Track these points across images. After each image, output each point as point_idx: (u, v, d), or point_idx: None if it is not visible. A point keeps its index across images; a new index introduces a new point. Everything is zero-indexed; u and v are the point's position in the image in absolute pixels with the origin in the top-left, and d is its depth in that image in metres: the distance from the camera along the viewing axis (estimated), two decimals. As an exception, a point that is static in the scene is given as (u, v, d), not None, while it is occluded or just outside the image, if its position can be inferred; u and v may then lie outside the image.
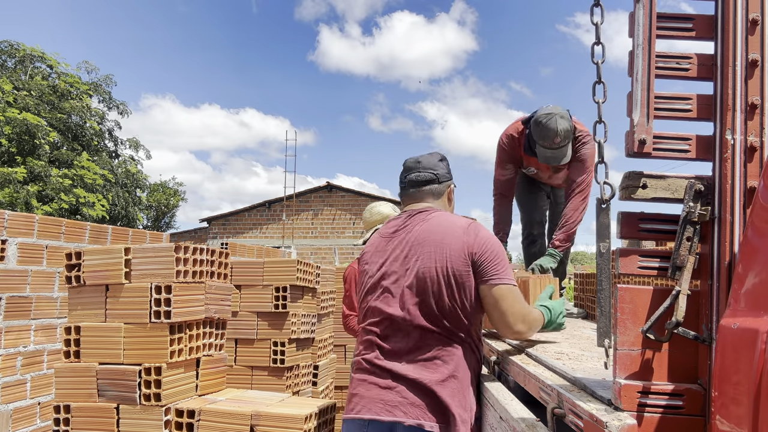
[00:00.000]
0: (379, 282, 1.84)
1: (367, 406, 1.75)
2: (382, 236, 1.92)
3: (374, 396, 1.75)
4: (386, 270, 1.83)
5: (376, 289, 1.84)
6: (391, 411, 1.70)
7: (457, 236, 1.76)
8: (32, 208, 15.34)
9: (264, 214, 18.85)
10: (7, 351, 3.35)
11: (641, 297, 1.21)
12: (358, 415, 1.76)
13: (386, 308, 1.79)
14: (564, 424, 1.37)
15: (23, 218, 3.51)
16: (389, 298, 1.80)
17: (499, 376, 2.10)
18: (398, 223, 1.91)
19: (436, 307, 1.73)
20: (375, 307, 1.82)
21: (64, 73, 18.91)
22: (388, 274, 1.82)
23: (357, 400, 1.79)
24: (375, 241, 1.95)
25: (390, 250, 1.85)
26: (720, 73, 1.21)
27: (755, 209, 1.03)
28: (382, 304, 1.81)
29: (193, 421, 2.33)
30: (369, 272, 1.89)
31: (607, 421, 1.10)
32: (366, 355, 1.82)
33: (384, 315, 1.79)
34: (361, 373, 1.82)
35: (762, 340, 0.88)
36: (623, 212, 1.28)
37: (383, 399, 1.73)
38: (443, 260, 1.73)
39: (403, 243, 1.83)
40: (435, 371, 1.72)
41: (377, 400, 1.74)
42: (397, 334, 1.77)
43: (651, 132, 1.23)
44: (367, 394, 1.77)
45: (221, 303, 2.70)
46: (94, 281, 2.48)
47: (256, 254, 6.86)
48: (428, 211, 1.89)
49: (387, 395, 1.73)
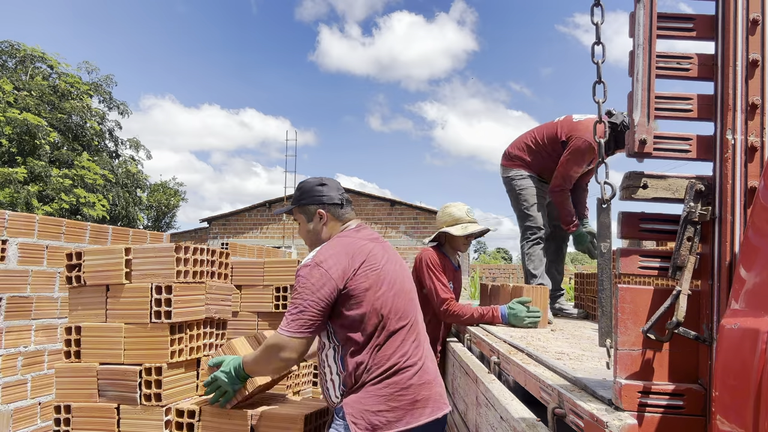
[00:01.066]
0: (394, 282, 1.95)
1: (436, 405, 1.90)
2: (371, 240, 2.03)
3: (435, 394, 1.91)
4: (394, 271, 1.98)
5: (392, 288, 1.94)
6: (446, 402, 1.95)
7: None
8: (33, 208, 15.35)
9: (264, 214, 18.84)
10: (8, 351, 3.35)
11: (642, 297, 1.21)
12: (432, 416, 1.86)
13: (408, 307, 1.96)
14: (564, 424, 1.37)
15: (24, 218, 3.51)
16: (403, 297, 1.96)
17: (500, 376, 2.10)
18: (369, 232, 2.09)
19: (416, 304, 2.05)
20: (399, 306, 1.93)
21: (65, 73, 18.92)
22: (396, 275, 1.98)
23: (424, 403, 1.86)
24: (368, 245, 1.99)
25: (383, 252, 2.00)
26: (720, 73, 1.20)
27: (756, 209, 1.03)
28: (403, 303, 1.95)
29: (193, 421, 2.33)
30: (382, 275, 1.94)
31: (607, 421, 1.10)
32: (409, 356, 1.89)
33: (407, 314, 1.95)
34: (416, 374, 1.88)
35: (762, 340, 0.88)
36: (624, 212, 1.28)
37: (440, 394, 1.94)
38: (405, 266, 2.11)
39: (387, 248, 2.05)
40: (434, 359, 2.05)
41: (437, 396, 1.92)
42: (416, 331, 1.97)
43: (651, 132, 1.23)
44: (430, 394, 1.89)
45: (222, 303, 2.70)
46: (95, 281, 2.48)
47: (257, 254, 6.86)
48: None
49: (440, 388, 1.95)
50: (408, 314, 1.95)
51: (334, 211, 2.07)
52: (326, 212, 2.06)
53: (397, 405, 1.79)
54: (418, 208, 18.07)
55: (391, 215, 18.13)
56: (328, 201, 2.07)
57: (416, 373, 1.85)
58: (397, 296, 1.92)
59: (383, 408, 1.79)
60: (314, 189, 2.09)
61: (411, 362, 1.87)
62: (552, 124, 3.83)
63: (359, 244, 1.95)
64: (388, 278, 1.92)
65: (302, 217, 2.12)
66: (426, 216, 17.97)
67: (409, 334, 1.91)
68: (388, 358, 1.84)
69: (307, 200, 2.09)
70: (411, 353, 1.88)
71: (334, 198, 2.08)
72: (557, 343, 2.30)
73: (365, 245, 1.95)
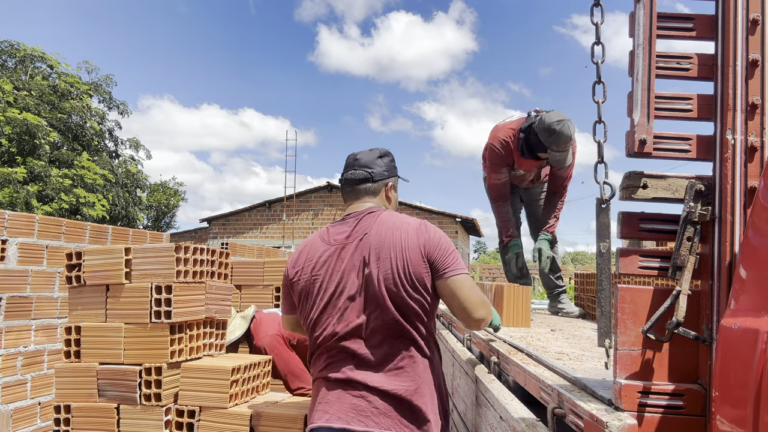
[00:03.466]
0: (338, 293, 1.73)
1: (337, 414, 1.67)
2: (330, 243, 1.79)
3: (346, 405, 1.67)
4: (345, 280, 1.73)
5: (337, 300, 1.73)
6: (364, 421, 1.65)
7: (411, 237, 1.72)
8: (32, 208, 15.35)
9: (264, 214, 18.84)
10: (8, 351, 3.35)
11: (642, 297, 1.21)
12: (327, 423, 1.67)
13: (352, 320, 1.70)
14: (564, 424, 1.37)
15: (23, 218, 3.51)
16: (352, 309, 1.71)
17: (499, 376, 2.10)
18: (346, 229, 1.80)
19: (401, 311, 1.68)
20: (339, 319, 1.72)
21: (65, 73, 18.91)
22: (347, 284, 1.73)
23: (325, 408, 1.70)
24: (317, 247, 1.81)
25: (346, 258, 1.74)
26: (720, 73, 1.20)
27: (756, 209, 1.03)
28: (347, 315, 1.71)
29: (193, 421, 2.33)
30: (322, 283, 1.76)
31: (607, 421, 1.10)
32: (334, 368, 1.72)
33: (350, 327, 1.70)
34: (330, 384, 1.72)
35: (762, 340, 0.88)
36: (623, 212, 1.28)
37: (356, 408, 1.66)
38: (403, 263, 1.69)
39: (359, 250, 1.74)
40: (406, 379, 1.68)
41: (349, 408, 1.67)
42: (365, 345, 1.70)
43: (651, 132, 1.23)
44: (338, 402, 1.69)
45: (221, 303, 2.70)
46: (95, 281, 2.48)
47: (257, 254, 6.85)
48: (374, 213, 1.81)
49: (360, 403, 1.66)
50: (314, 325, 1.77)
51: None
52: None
53: (314, 406, 1.76)
54: (418, 208, 18.07)
55: (391, 215, 18.11)
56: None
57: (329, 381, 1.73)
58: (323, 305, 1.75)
59: (311, 407, 1.78)
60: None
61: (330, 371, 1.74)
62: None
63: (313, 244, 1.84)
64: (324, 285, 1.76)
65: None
66: (426, 216, 17.96)
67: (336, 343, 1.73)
68: (315, 364, 1.81)
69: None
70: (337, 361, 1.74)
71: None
72: (557, 343, 2.30)
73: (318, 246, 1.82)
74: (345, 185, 1.91)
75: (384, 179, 1.91)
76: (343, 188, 1.92)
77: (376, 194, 1.90)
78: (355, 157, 1.93)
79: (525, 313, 2.98)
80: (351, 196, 1.90)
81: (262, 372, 2.60)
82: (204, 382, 2.34)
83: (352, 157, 1.93)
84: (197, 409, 2.33)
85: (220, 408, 2.30)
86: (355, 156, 1.93)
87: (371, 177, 1.88)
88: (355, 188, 1.89)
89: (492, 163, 3.54)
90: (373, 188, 1.89)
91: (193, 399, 2.33)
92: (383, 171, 1.92)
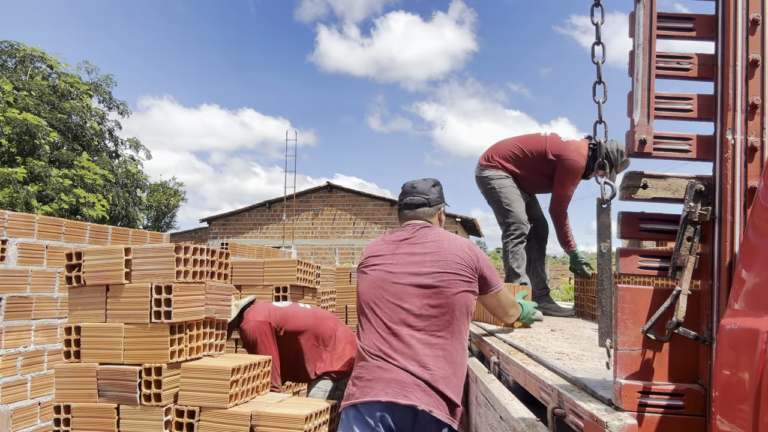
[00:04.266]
0: (390, 282, 2.05)
1: (384, 389, 1.89)
2: (388, 242, 2.17)
3: (391, 380, 1.90)
4: (399, 271, 2.05)
5: (398, 288, 2.03)
6: (408, 396, 1.87)
7: (464, 251, 2.09)
8: (32, 208, 15.35)
9: (264, 214, 18.84)
10: (8, 351, 3.35)
11: (642, 297, 1.21)
12: (375, 398, 1.88)
13: (409, 306, 1.99)
14: (564, 424, 1.37)
15: (23, 218, 3.51)
16: (411, 296, 2.00)
17: (499, 376, 2.10)
18: (405, 234, 2.17)
19: (449, 306, 1.99)
20: (398, 303, 2.00)
21: (65, 73, 18.91)
22: (401, 274, 2.04)
23: (372, 384, 1.91)
24: (380, 246, 2.19)
25: (406, 254, 2.09)
26: (720, 73, 1.20)
27: (756, 209, 1.03)
28: (406, 301, 2.00)
29: (193, 421, 2.33)
30: (386, 273, 2.07)
31: (607, 421, 1.10)
32: (379, 346, 1.97)
33: (406, 312, 1.98)
34: (376, 360, 1.96)
35: (762, 340, 0.88)
36: (624, 212, 1.28)
37: (400, 383, 1.89)
38: (455, 267, 2.03)
39: (417, 249, 2.10)
40: (445, 364, 1.95)
41: (394, 383, 1.89)
42: (417, 329, 1.97)
43: (651, 132, 1.23)
44: (384, 377, 1.91)
45: (221, 303, 2.70)
46: (95, 281, 2.48)
47: (257, 254, 6.85)
48: (430, 227, 2.20)
49: (405, 378, 1.90)
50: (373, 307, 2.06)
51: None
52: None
53: (356, 383, 2.00)
54: (417, 208, 18.05)
55: (391, 215, 18.13)
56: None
57: (378, 359, 1.97)
58: (380, 289, 2.06)
59: (350, 383, 2.03)
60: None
61: (375, 350, 1.99)
62: (539, 138, 3.91)
63: (374, 243, 2.24)
64: (378, 276, 2.09)
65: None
66: (426, 216, 17.96)
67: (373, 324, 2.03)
68: (362, 342, 2.06)
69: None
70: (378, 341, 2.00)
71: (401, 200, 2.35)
72: (557, 343, 2.30)
73: (378, 244, 2.20)
74: (405, 209, 2.28)
75: (438, 204, 2.31)
76: (403, 211, 2.29)
77: (431, 217, 2.28)
78: (413, 186, 2.31)
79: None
80: (410, 217, 2.27)
81: (262, 372, 2.60)
82: (204, 382, 2.34)
83: (410, 185, 2.31)
84: (197, 409, 2.33)
85: (220, 408, 2.30)
86: (412, 184, 2.31)
87: (428, 202, 2.27)
88: (415, 211, 2.26)
89: (576, 177, 3.81)
90: (429, 212, 2.28)
91: (193, 399, 2.33)
92: (437, 198, 2.31)
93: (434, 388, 1.91)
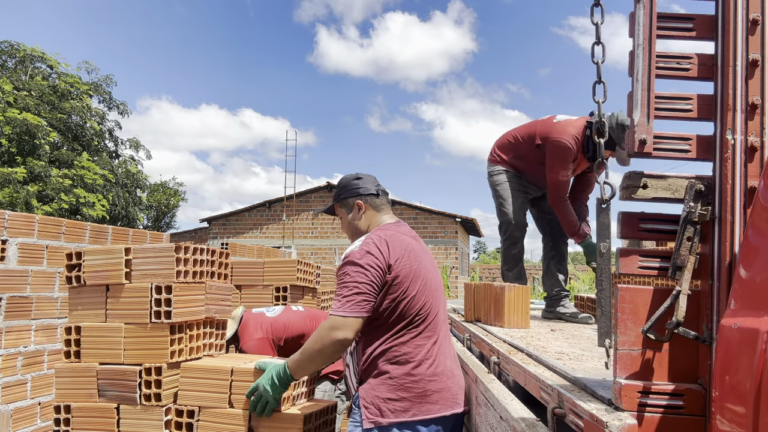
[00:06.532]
0: (429, 279, 2.01)
1: (447, 402, 1.91)
2: (411, 236, 2.10)
3: (446, 390, 1.91)
4: (427, 270, 2.02)
5: (423, 284, 1.98)
6: (459, 403, 1.94)
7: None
8: (32, 208, 15.35)
9: (264, 214, 18.84)
10: (8, 351, 3.35)
11: (642, 297, 1.21)
12: (440, 413, 1.87)
13: (432, 305, 1.98)
14: (564, 424, 1.37)
15: (23, 218, 3.51)
16: (437, 293, 2.03)
17: (499, 376, 2.10)
18: (407, 229, 2.15)
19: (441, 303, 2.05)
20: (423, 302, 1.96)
21: (65, 73, 18.92)
22: (430, 272, 2.03)
23: (435, 398, 1.88)
24: (408, 240, 2.05)
25: (422, 251, 2.07)
26: (720, 73, 1.20)
27: (756, 209, 1.03)
28: (428, 300, 1.97)
29: (192, 421, 2.33)
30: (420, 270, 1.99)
31: (607, 421, 1.10)
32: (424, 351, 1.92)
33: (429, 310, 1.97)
34: (428, 368, 1.91)
35: (762, 340, 0.88)
36: (623, 212, 1.28)
37: (454, 392, 1.94)
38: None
39: (423, 247, 2.10)
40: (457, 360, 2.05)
41: (449, 394, 1.92)
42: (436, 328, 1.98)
43: (651, 132, 1.23)
44: (442, 389, 1.90)
45: (221, 303, 2.70)
46: (95, 281, 2.48)
47: (257, 254, 6.85)
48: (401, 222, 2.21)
49: (455, 387, 1.95)
50: (430, 311, 1.98)
51: (372, 201, 2.17)
52: (364, 203, 2.16)
53: (406, 395, 1.85)
54: (418, 208, 18.06)
55: (391, 215, 18.10)
56: (364, 192, 2.17)
57: (429, 367, 1.89)
58: (422, 293, 1.96)
59: (392, 396, 1.85)
60: (351, 183, 2.22)
61: (424, 356, 1.91)
62: (533, 123, 3.71)
63: (401, 238, 2.02)
64: (422, 275, 1.98)
65: (343, 211, 2.23)
66: (426, 216, 17.96)
67: (427, 330, 1.95)
68: (403, 349, 1.90)
69: (345, 194, 2.21)
70: (427, 348, 1.92)
71: (370, 189, 2.19)
72: (557, 343, 2.30)
73: (406, 240, 2.03)
74: (383, 195, 2.22)
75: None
76: (382, 197, 2.21)
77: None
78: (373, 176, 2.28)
79: (524, 314, 2.98)
80: (387, 206, 2.23)
81: None
82: (204, 382, 2.34)
83: (373, 176, 2.27)
84: (197, 409, 2.33)
85: (219, 408, 2.30)
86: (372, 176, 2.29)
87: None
88: (389, 199, 2.24)
89: (563, 159, 3.47)
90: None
91: (193, 399, 2.33)
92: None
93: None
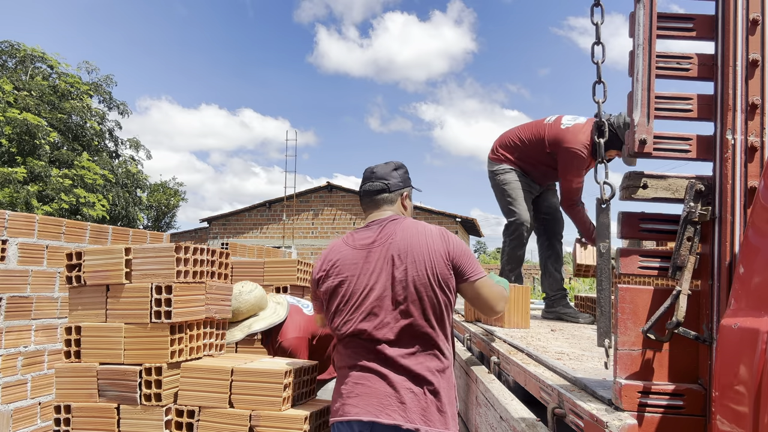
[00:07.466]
0: (366, 293, 1.84)
1: (366, 408, 1.76)
2: (356, 248, 1.91)
3: (374, 399, 1.77)
4: (373, 281, 1.84)
5: (365, 300, 1.83)
6: (391, 414, 1.74)
7: (436, 242, 1.85)
8: (32, 208, 15.35)
9: (264, 214, 18.85)
10: (8, 351, 3.35)
11: (642, 297, 1.21)
12: (357, 416, 1.77)
13: (380, 319, 1.81)
14: (564, 424, 1.37)
15: (23, 218, 3.51)
16: (381, 308, 1.82)
17: (499, 376, 2.10)
18: (371, 234, 1.92)
19: (426, 312, 1.79)
20: (366, 317, 1.82)
21: (65, 73, 18.92)
22: (376, 284, 1.83)
23: (355, 402, 1.79)
24: (345, 253, 1.91)
25: (373, 261, 1.85)
26: (720, 73, 1.20)
27: (756, 209, 1.03)
28: (376, 314, 1.81)
29: (192, 421, 2.33)
30: (350, 284, 1.86)
31: (607, 421, 1.10)
32: (361, 364, 1.82)
33: (378, 326, 1.80)
34: (357, 378, 1.82)
35: (762, 340, 0.88)
36: (624, 212, 1.28)
37: (383, 402, 1.76)
38: (431, 265, 1.81)
39: (386, 253, 1.85)
40: (431, 375, 1.79)
41: (377, 403, 1.76)
42: (392, 343, 1.80)
43: (651, 132, 1.23)
44: (367, 396, 1.78)
45: (222, 303, 2.70)
46: (95, 281, 2.48)
47: (257, 254, 6.85)
48: (397, 220, 1.94)
49: (388, 398, 1.76)
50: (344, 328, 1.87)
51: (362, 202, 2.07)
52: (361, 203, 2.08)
53: (338, 398, 1.87)
54: (418, 208, 18.07)
55: (391, 215, 18.12)
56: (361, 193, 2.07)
57: (359, 373, 1.83)
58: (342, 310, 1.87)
59: (335, 398, 1.89)
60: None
61: (357, 362, 1.84)
62: (539, 127, 3.69)
63: (338, 251, 1.94)
64: (343, 290, 1.87)
65: None
66: (426, 216, 17.97)
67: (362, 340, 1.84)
68: (342, 355, 1.90)
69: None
70: (362, 355, 1.84)
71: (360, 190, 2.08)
72: (557, 343, 2.30)
73: (343, 252, 1.93)
74: (364, 196, 2.03)
75: (399, 189, 2.04)
76: (363, 199, 2.04)
77: (393, 203, 2.02)
78: (371, 171, 2.06)
79: (524, 314, 2.98)
80: (371, 206, 2.03)
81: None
82: (204, 382, 2.34)
83: (369, 171, 2.07)
84: (197, 409, 2.33)
85: (219, 408, 2.30)
86: (371, 169, 2.07)
87: (387, 188, 2.01)
88: (373, 198, 2.01)
89: (577, 166, 3.51)
90: (390, 198, 2.01)
91: (193, 399, 2.33)
92: (398, 182, 2.04)
93: None
